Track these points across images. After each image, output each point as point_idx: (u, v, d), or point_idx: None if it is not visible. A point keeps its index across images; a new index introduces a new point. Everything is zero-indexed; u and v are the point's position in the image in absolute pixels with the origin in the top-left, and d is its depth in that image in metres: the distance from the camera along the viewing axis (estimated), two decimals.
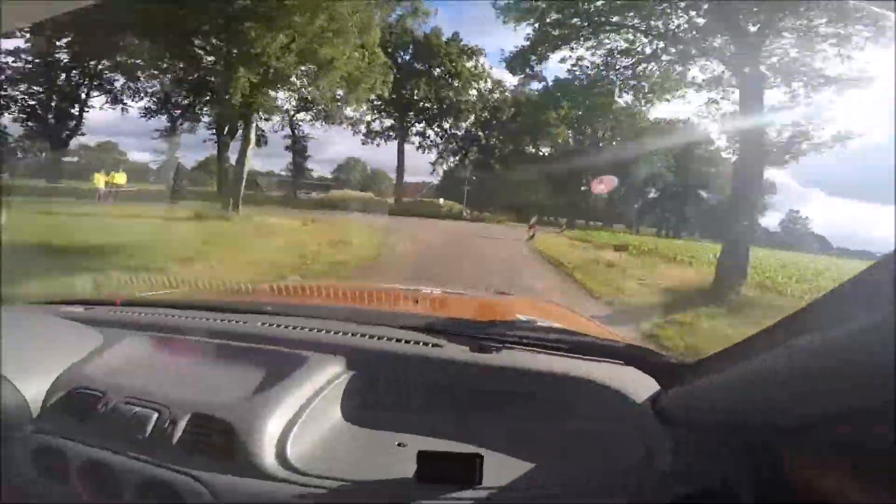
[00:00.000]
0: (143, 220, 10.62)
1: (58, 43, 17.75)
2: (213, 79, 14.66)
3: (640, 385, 0.87)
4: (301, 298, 1.55)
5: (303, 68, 12.97)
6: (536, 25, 11.05)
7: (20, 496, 0.87)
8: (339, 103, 17.07)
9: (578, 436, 0.82)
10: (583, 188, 27.77)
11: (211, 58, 13.65)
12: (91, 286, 1.45)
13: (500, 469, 0.73)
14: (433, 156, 29.28)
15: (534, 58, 12.38)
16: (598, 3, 10.06)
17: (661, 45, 10.37)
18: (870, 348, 0.42)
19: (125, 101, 20.55)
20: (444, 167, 30.27)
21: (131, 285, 1.53)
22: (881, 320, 0.42)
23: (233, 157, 15.31)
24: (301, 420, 0.81)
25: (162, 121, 21.71)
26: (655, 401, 0.81)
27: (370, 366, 0.96)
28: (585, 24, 10.49)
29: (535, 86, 26.45)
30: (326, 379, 0.90)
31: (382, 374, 0.95)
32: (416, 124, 29.54)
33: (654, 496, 0.71)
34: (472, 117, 29.54)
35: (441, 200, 28.21)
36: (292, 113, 22.88)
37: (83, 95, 20.30)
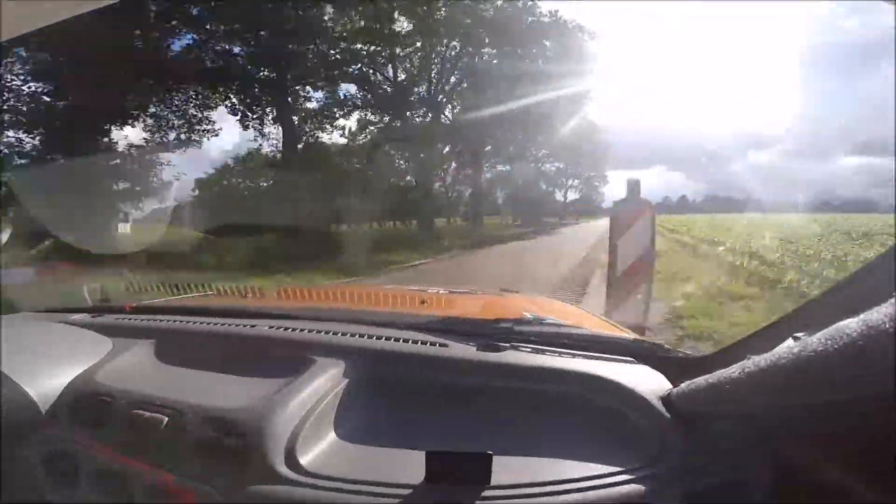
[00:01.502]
0: None
1: None
2: None
3: (649, 381, 0.86)
4: (308, 301, 1.56)
5: None
6: None
7: (30, 500, 0.89)
8: None
9: (588, 433, 0.82)
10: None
11: None
12: (100, 293, 1.49)
13: (510, 468, 0.73)
14: None
15: None
16: None
17: None
18: (874, 342, 0.43)
19: None
20: None
21: (139, 292, 1.55)
22: (885, 314, 0.43)
23: None
24: (310, 423, 0.81)
25: None
26: (665, 397, 0.81)
27: (377, 367, 0.96)
28: None
29: None
30: (334, 381, 0.90)
31: (389, 375, 0.95)
32: None
33: (666, 492, 0.70)
34: None
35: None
36: None
37: None
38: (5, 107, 13.36)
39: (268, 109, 17.19)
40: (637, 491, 0.70)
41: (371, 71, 18.63)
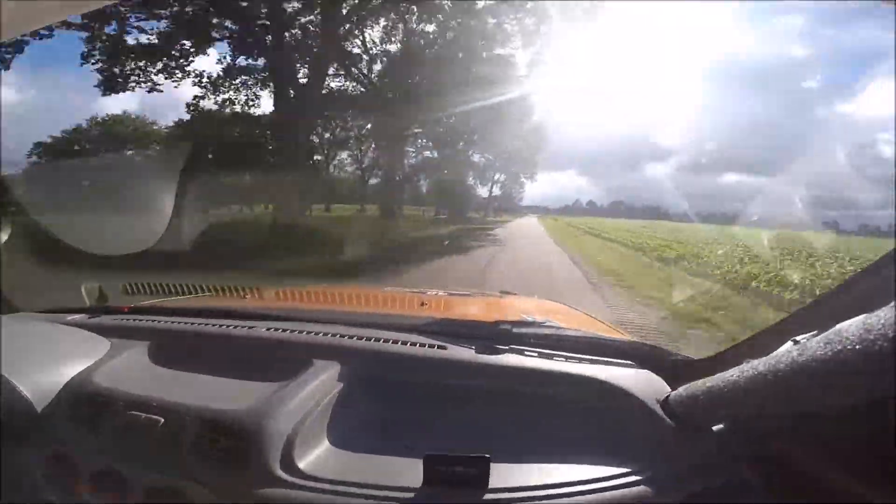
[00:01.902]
0: None
1: None
2: None
3: (648, 384, 0.90)
4: (306, 303, 1.53)
5: None
6: None
7: (28, 501, 0.86)
8: None
9: (587, 436, 0.85)
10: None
11: None
12: (98, 294, 1.38)
13: (508, 471, 0.75)
14: None
15: None
16: None
17: None
18: (874, 345, 0.43)
19: None
20: None
21: (137, 293, 1.45)
22: (887, 316, 0.43)
23: None
24: (307, 425, 0.82)
25: None
26: (664, 399, 0.84)
27: (375, 369, 0.97)
28: None
29: None
30: (332, 383, 0.91)
31: (388, 377, 0.96)
32: None
33: (665, 495, 0.73)
34: None
35: None
36: None
37: None
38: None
39: None
40: (636, 494, 0.73)
41: None
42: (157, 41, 11.71)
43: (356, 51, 14.25)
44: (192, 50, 12.14)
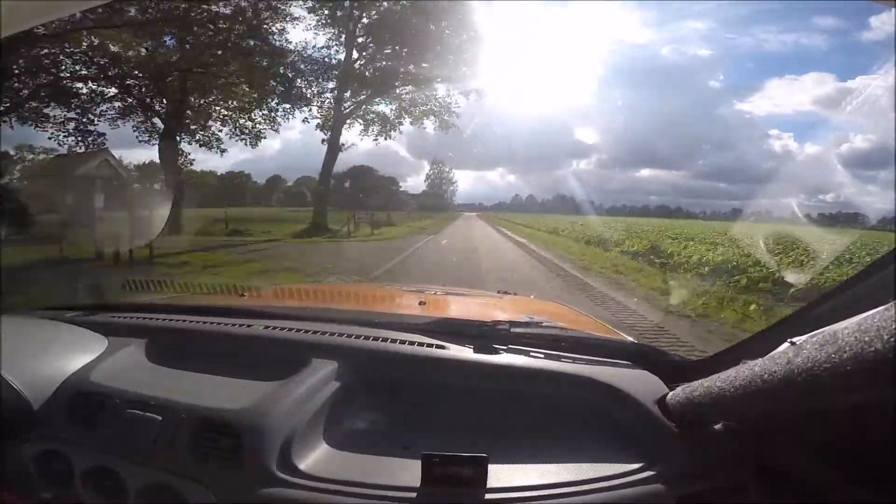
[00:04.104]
0: None
1: None
2: None
3: (646, 384, 0.90)
4: (305, 301, 1.53)
5: None
6: None
7: (23, 501, 0.85)
8: None
9: (584, 436, 0.85)
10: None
11: None
12: (95, 292, 1.37)
13: (507, 470, 0.75)
14: None
15: None
16: None
17: None
18: (869, 345, 0.43)
19: None
20: None
21: (135, 291, 1.45)
22: (882, 317, 0.43)
23: None
24: (305, 424, 0.82)
25: None
26: (662, 400, 0.84)
27: (374, 368, 0.97)
28: None
29: None
30: (330, 382, 0.91)
31: (386, 376, 0.96)
32: None
33: (662, 495, 0.73)
34: None
35: None
36: None
37: None
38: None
39: None
40: (633, 494, 0.73)
41: None
42: None
43: None
44: None
